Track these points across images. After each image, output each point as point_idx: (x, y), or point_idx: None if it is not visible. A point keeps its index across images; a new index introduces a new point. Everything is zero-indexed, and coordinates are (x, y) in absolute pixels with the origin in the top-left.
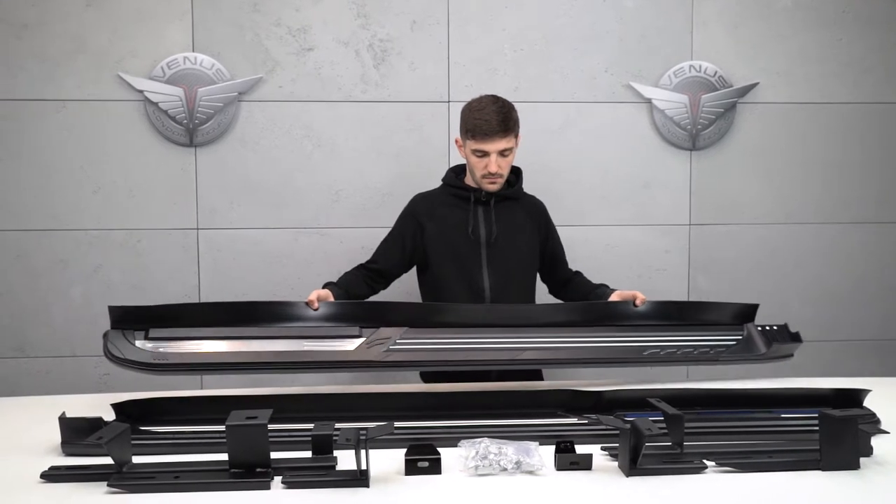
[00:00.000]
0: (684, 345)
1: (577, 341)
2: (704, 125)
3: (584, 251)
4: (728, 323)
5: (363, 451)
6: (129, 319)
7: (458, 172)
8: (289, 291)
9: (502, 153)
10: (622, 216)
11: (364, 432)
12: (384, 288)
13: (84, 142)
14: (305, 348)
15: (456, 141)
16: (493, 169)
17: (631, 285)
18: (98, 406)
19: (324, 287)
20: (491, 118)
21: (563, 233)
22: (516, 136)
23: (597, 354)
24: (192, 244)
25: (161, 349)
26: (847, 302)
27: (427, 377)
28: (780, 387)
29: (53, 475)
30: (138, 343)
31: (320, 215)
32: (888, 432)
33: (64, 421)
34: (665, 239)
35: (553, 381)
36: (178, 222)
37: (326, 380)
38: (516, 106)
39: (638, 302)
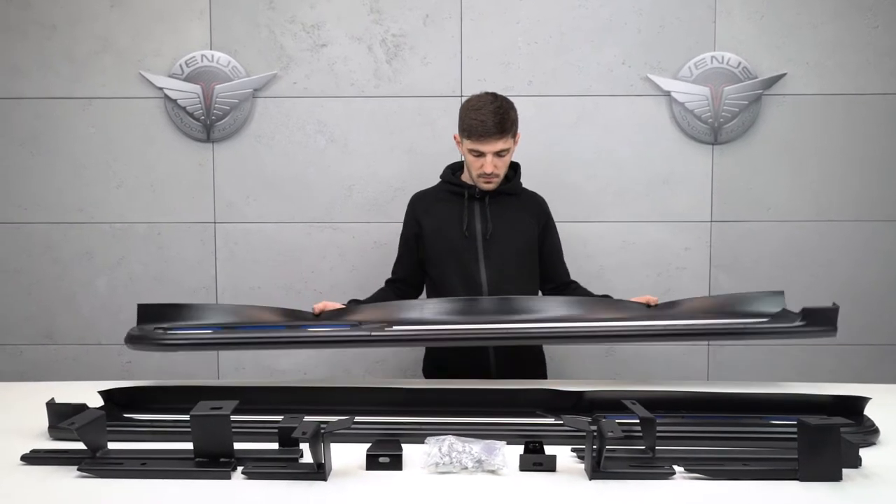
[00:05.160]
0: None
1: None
2: (727, 118)
3: (600, 248)
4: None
5: (321, 445)
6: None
7: (454, 170)
8: (302, 285)
9: (498, 154)
10: (640, 212)
11: (325, 426)
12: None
13: (108, 138)
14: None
15: (454, 137)
16: (488, 169)
17: (650, 283)
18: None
19: (348, 303)
20: (487, 119)
21: (579, 229)
22: (514, 136)
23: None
24: (210, 237)
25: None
26: (881, 304)
27: (429, 372)
28: (776, 392)
29: (33, 457)
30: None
31: (333, 210)
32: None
33: (51, 406)
34: (685, 236)
35: (552, 381)
36: (197, 216)
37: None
38: (531, 100)
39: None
